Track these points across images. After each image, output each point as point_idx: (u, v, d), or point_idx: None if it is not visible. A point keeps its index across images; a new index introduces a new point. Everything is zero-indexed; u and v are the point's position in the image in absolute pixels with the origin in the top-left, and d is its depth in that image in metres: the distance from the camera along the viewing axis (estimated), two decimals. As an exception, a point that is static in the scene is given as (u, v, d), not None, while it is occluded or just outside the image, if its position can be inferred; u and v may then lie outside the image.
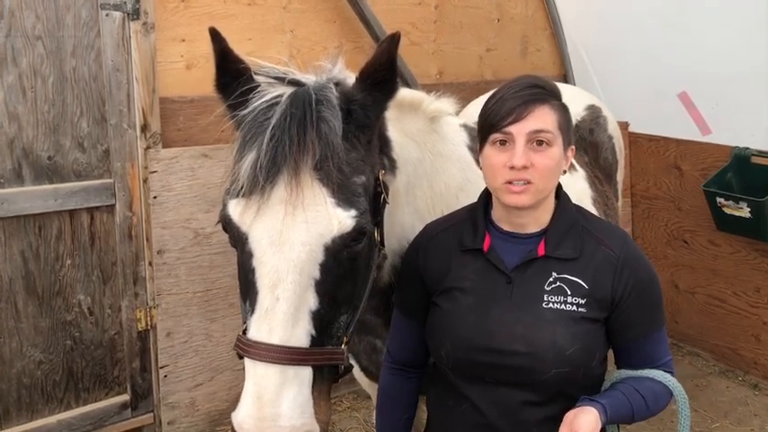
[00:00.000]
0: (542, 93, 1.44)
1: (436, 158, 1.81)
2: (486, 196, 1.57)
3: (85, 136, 2.65)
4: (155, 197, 2.74)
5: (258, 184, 1.23)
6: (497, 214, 1.53)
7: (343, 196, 1.26)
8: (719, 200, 3.34)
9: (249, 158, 1.26)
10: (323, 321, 1.27)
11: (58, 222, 2.64)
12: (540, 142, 1.40)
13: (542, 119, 1.41)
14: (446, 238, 1.58)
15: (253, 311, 1.25)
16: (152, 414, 2.93)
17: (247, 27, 2.99)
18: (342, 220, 1.24)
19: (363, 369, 2.12)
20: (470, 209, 1.61)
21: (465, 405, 1.51)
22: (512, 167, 1.39)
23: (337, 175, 1.25)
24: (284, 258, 1.22)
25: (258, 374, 1.20)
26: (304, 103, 1.26)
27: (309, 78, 1.40)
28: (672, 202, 3.85)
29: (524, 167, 1.39)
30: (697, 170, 3.65)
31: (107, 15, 2.62)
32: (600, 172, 2.64)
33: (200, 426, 2.99)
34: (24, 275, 2.60)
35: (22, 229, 2.56)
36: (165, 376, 2.86)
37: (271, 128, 1.25)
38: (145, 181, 2.75)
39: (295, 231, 1.23)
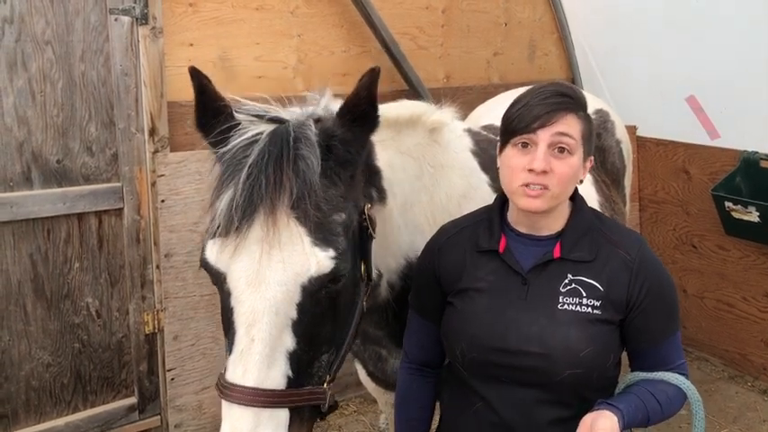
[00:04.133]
0: (570, 102, 1.44)
1: (436, 170, 1.80)
2: (503, 198, 1.58)
3: (94, 140, 2.67)
4: (162, 201, 2.75)
5: (234, 223, 1.22)
6: (513, 217, 1.54)
7: (321, 235, 1.25)
8: (728, 204, 3.32)
9: (226, 198, 1.25)
10: (301, 362, 1.26)
11: (66, 226, 2.65)
12: (561, 149, 1.41)
13: (567, 127, 1.42)
14: (462, 239, 1.58)
15: (230, 351, 1.24)
16: (159, 417, 2.94)
17: (255, 31, 3.01)
18: (320, 260, 1.23)
19: (370, 374, 2.12)
20: (486, 210, 1.62)
21: (479, 404, 1.51)
22: (531, 170, 1.40)
23: (315, 213, 1.24)
24: (261, 298, 1.21)
25: (233, 416, 1.20)
26: (282, 141, 1.26)
27: (293, 112, 1.39)
28: (680, 207, 3.83)
29: (544, 172, 1.40)
30: (705, 174, 3.63)
31: (116, 20, 2.63)
32: (607, 176, 2.64)
33: (206, 429, 3.00)
34: (33, 278, 2.61)
35: (30, 233, 2.58)
36: (173, 379, 2.87)
37: (248, 166, 1.24)
38: (153, 185, 2.76)
39: (271, 271, 1.22)
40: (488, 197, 1.71)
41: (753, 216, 3.22)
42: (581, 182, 1.50)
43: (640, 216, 4.07)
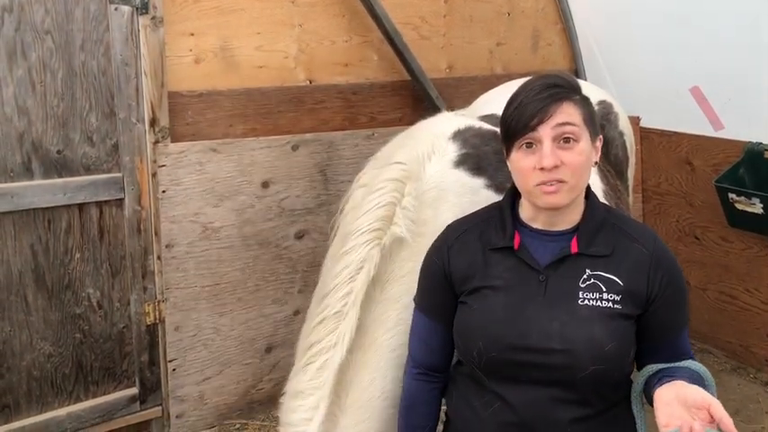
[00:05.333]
0: (562, 91, 1.42)
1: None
2: (513, 194, 1.56)
3: (94, 130, 2.66)
4: (163, 191, 2.75)
5: None
6: (526, 213, 1.52)
7: None
8: (731, 196, 3.30)
9: None
10: None
11: (67, 216, 2.65)
12: (567, 140, 1.39)
13: (566, 116, 1.40)
14: (472, 237, 1.56)
15: None
16: (160, 407, 2.94)
17: (256, 21, 2.99)
18: None
19: None
20: (495, 206, 1.59)
21: (496, 405, 1.48)
22: (542, 169, 1.38)
23: None
24: None
25: None
26: None
27: None
28: (683, 198, 3.81)
29: (555, 167, 1.38)
30: (709, 165, 3.61)
31: (116, 9, 2.62)
32: (611, 168, 2.62)
33: (208, 419, 3.00)
34: (34, 269, 2.61)
35: (31, 223, 2.58)
36: (174, 370, 2.87)
37: None
38: (153, 175, 2.75)
39: None
40: (487, 201, 1.69)
41: (756, 208, 3.20)
42: (596, 163, 1.49)
43: (644, 207, 4.05)
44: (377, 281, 1.80)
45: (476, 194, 1.87)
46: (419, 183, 1.86)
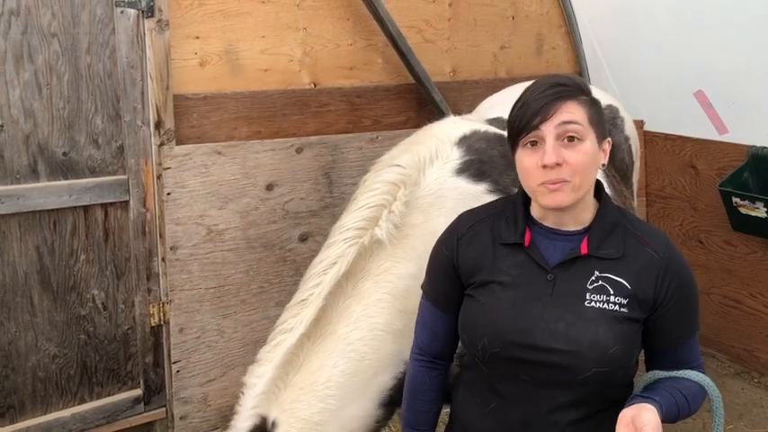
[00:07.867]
0: (566, 90, 1.41)
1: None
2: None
3: (100, 132, 2.67)
4: (168, 194, 2.76)
5: None
6: (537, 211, 1.51)
7: None
8: (735, 200, 3.30)
9: None
10: None
11: (72, 218, 2.66)
12: (571, 138, 1.38)
13: (570, 114, 1.39)
14: (483, 230, 1.55)
15: None
16: (164, 409, 2.95)
17: (261, 24, 3.00)
18: None
19: None
20: (507, 201, 1.59)
21: (496, 401, 1.49)
22: (544, 166, 1.37)
23: None
24: None
25: None
26: None
27: None
28: (687, 202, 3.81)
29: (557, 165, 1.36)
30: (713, 169, 3.61)
31: (122, 13, 2.63)
32: (616, 173, 2.62)
33: (212, 421, 3.01)
34: (39, 270, 2.62)
35: (37, 225, 2.59)
36: (178, 371, 2.88)
37: None
38: (158, 177, 2.76)
39: None
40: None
41: (760, 212, 3.20)
42: (603, 165, 1.48)
43: (647, 211, 4.05)
44: (350, 276, 1.88)
45: (478, 200, 1.88)
46: (415, 188, 1.90)
